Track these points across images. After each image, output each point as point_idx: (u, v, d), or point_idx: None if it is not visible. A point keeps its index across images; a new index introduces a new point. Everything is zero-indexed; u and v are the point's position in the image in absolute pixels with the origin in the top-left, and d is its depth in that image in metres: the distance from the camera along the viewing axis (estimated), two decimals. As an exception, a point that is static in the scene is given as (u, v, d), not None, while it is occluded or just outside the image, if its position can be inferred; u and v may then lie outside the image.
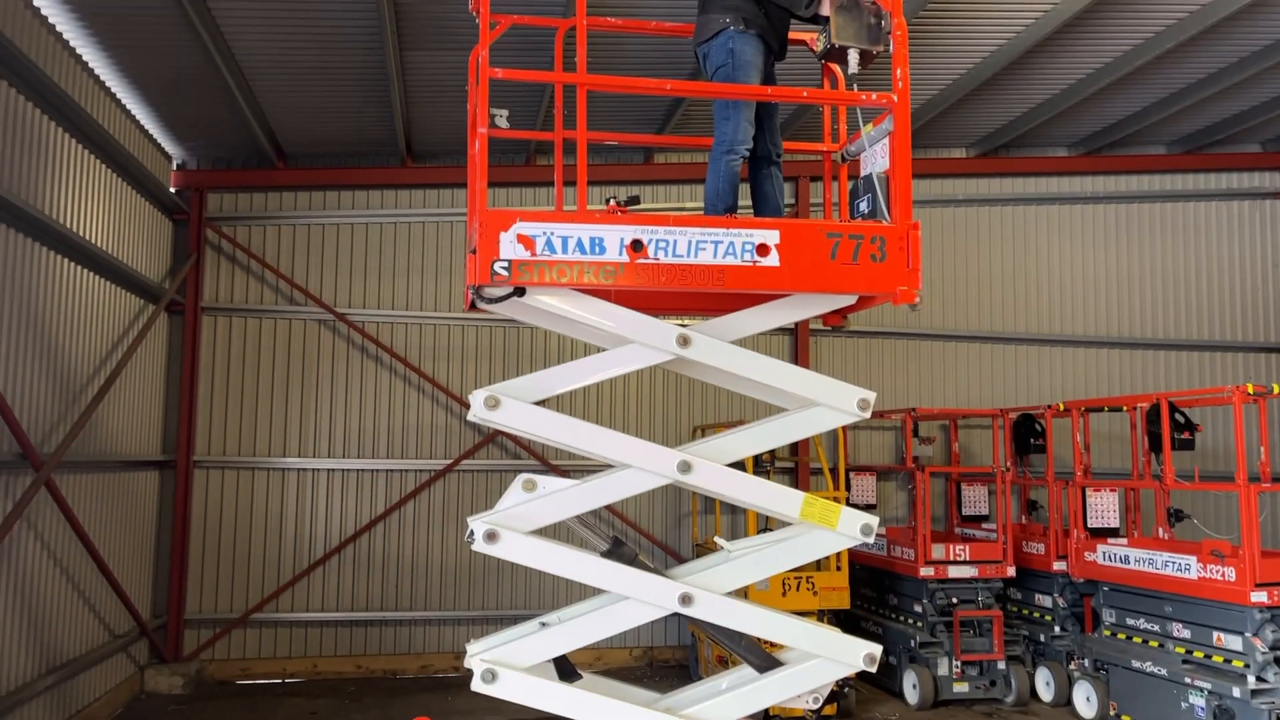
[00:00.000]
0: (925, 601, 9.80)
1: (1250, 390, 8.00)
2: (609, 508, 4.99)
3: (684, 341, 4.87)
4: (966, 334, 12.65)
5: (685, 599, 4.78)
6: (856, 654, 4.86)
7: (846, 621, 9.78)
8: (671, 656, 11.63)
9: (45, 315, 7.96)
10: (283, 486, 11.18)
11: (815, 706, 4.94)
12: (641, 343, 4.91)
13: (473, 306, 4.97)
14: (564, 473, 11.50)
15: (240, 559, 11.00)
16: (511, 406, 4.77)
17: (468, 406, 12.65)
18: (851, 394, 4.92)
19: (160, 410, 10.79)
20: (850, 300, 5.04)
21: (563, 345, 11.75)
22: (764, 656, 4.99)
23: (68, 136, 8.29)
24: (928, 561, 9.78)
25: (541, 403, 4.89)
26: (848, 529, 4.89)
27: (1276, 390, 8.06)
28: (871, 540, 4.93)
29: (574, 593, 11.42)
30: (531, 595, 11.42)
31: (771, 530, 5.41)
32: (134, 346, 9.63)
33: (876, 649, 4.87)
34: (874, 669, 4.87)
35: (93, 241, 8.66)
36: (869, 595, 11.07)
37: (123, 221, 9.55)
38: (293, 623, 11.04)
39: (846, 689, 9.35)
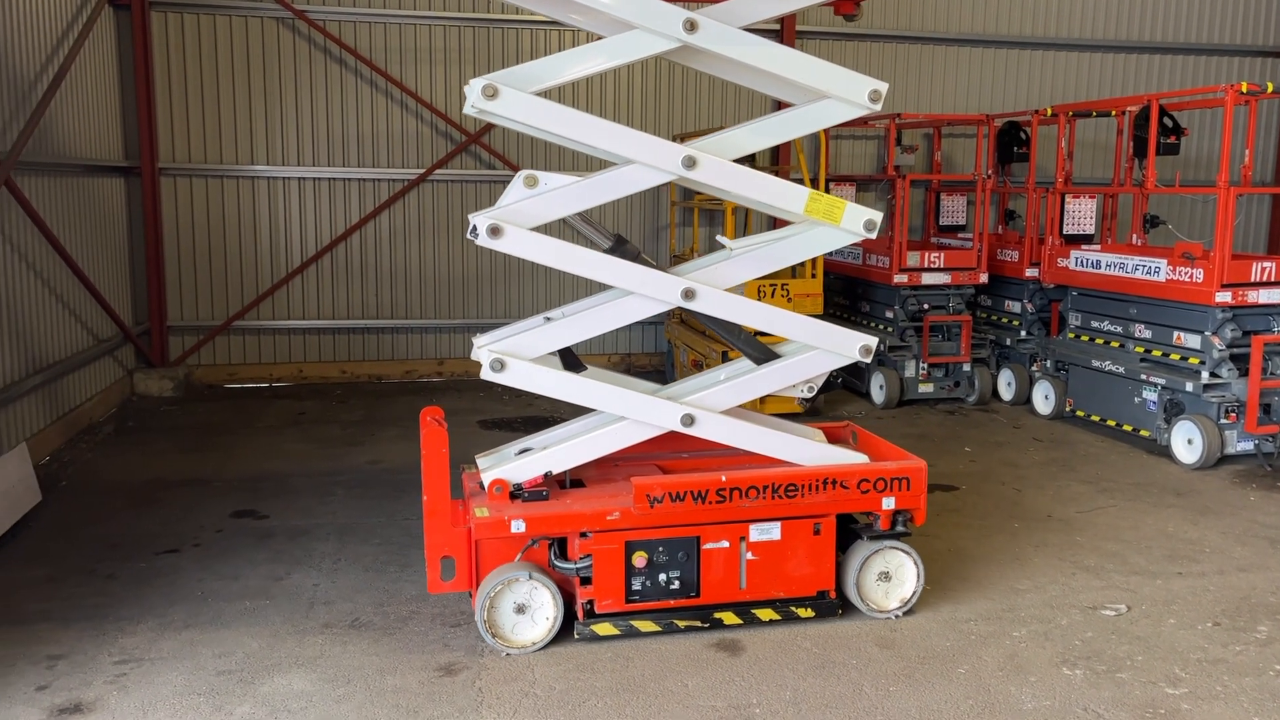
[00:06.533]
0: (897, 308, 10.03)
1: (1244, 89, 7.87)
2: (583, 217, 4.88)
3: (691, 26, 4.60)
4: (956, 37, 12.19)
5: (688, 293, 4.80)
6: (853, 345, 4.99)
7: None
8: (648, 363, 11.99)
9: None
10: (254, 195, 10.92)
11: (810, 395, 5.13)
12: (646, 28, 4.64)
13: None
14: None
15: (217, 267, 10.92)
16: (511, 96, 4.55)
17: (440, 114, 12.13)
18: (863, 85, 4.76)
19: (118, 114, 10.30)
20: (867, -17, 4.76)
21: (540, 46, 11.21)
22: (761, 349, 5.12)
23: None
24: (902, 269, 9.94)
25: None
26: (851, 224, 4.87)
27: (1270, 89, 7.95)
28: (874, 235, 4.94)
29: (551, 301, 11.60)
30: (511, 305, 11.56)
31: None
32: (80, 42, 9.04)
33: (872, 340, 4.99)
34: (869, 359, 5.03)
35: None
36: (841, 304, 11.33)
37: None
38: (276, 330, 11.15)
39: (839, 379, 9.73)
